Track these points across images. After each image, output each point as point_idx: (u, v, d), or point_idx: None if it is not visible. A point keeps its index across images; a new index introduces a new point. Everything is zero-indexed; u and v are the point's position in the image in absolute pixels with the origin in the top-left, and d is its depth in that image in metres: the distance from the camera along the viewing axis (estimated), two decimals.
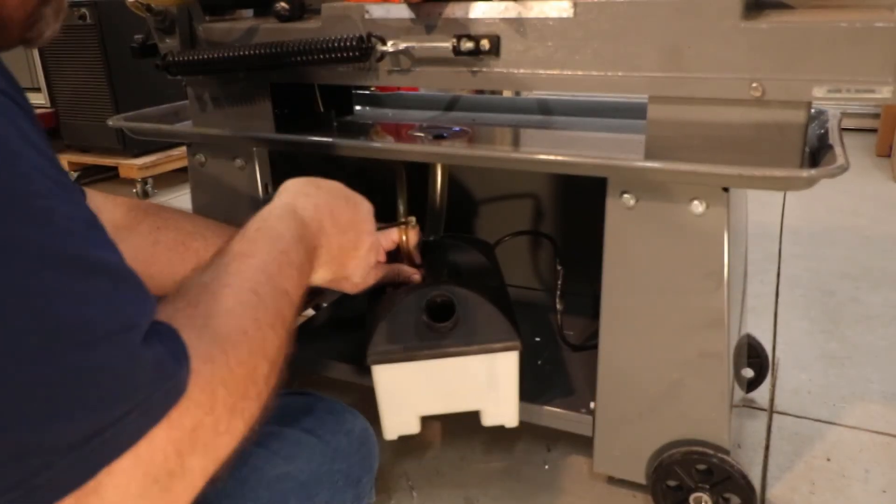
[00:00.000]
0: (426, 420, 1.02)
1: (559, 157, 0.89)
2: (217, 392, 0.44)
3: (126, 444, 0.37)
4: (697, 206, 0.88)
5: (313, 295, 1.40)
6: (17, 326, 0.33)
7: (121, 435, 0.37)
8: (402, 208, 1.06)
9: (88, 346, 0.35)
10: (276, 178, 1.17)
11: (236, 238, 0.59)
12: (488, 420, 1.00)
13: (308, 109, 1.20)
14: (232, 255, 0.56)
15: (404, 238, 0.94)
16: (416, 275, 0.96)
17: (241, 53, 0.96)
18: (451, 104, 1.37)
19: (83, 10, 2.60)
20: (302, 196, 0.68)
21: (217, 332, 0.47)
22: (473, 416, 1.01)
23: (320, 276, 0.71)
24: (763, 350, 1.35)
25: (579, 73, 0.86)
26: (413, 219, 0.97)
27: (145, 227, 0.84)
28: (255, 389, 0.49)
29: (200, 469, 0.44)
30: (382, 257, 0.87)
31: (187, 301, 0.49)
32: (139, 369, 0.37)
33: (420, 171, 1.38)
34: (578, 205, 1.36)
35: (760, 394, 1.39)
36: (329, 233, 0.69)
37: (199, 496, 0.44)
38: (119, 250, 0.40)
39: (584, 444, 1.10)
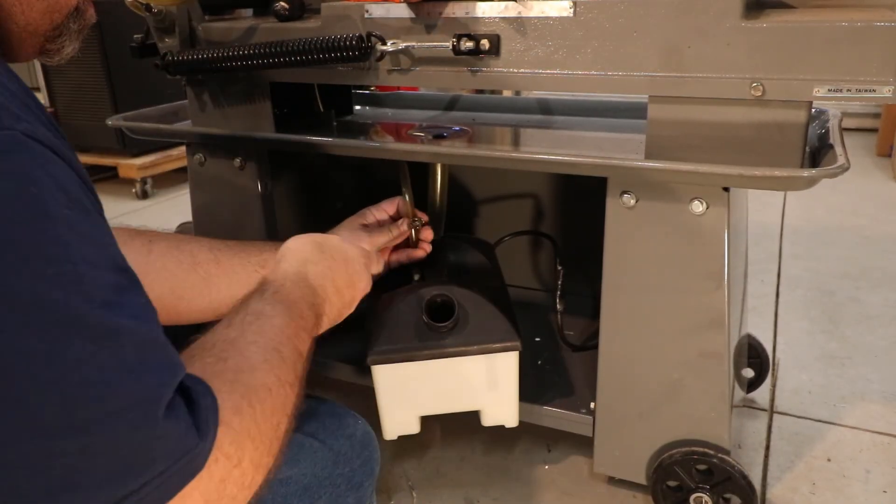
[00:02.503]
0: (426, 420, 1.02)
1: (559, 157, 0.89)
2: (245, 446, 0.45)
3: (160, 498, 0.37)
4: (698, 206, 0.88)
5: None
6: (38, 394, 0.33)
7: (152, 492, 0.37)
8: (409, 204, 1.05)
9: (109, 419, 0.35)
10: (276, 177, 1.17)
11: (254, 297, 0.62)
12: (488, 420, 1.00)
13: (307, 109, 1.20)
14: (254, 313, 0.58)
15: (413, 237, 1.01)
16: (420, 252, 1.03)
17: (241, 53, 0.96)
18: (451, 104, 1.37)
19: None
20: (311, 263, 0.73)
21: (246, 387, 0.48)
22: (473, 416, 1.01)
23: (324, 328, 0.74)
24: (763, 350, 1.35)
25: (579, 72, 0.86)
26: (424, 218, 1.02)
27: (138, 242, 0.85)
28: (276, 445, 0.50)
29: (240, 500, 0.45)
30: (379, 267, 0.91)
31: (215, 356, 0.50)
32: (159, 442, 0.37)
33: (420, 171, 1.38)
34: (578, 205, 1.36)
35: (761, 394, 1.39)
36: (332, 299, 0.73)
37: None
38: (151, 313, 0.39)
39: (584, 444, 1.10)
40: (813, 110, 0.92)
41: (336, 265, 0.75)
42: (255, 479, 0.47)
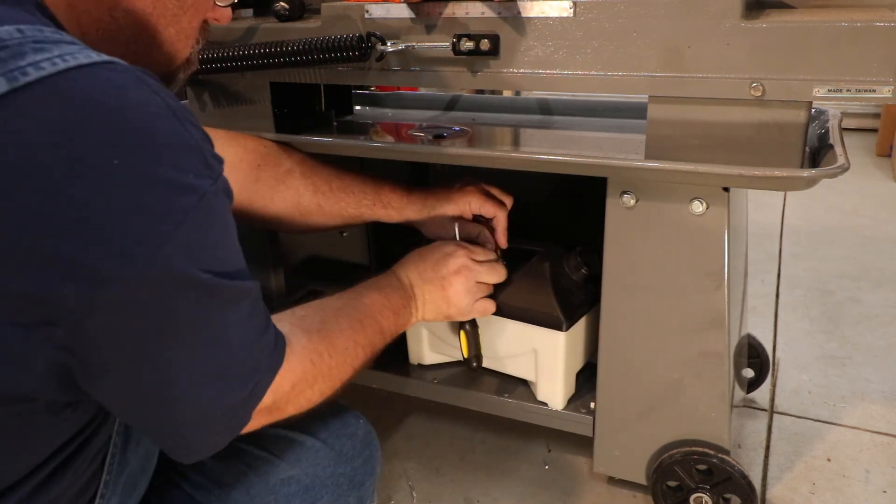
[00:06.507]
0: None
1: (559, 157, 0.89)
2: (317, 380, 0.67)
3: (264, 388, 0.59)
4: (698, 206, 0.88)
5: (311, 294, 1.40)
6: (222, 332, 0.54)
7: (262, 384, 0.59)
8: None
9: (249, 343, 0.57)
10: None
11: (368, 283, 0.86)
12: (538, 394, 1.08)
13: (308, 109, 1.20)
14: (357, 293, 0.83)
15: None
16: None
17: (241, 53, 0.96)
18: (451, 104, 1.37)
19: None
20: (401, 268, 0.94)
21: (330, 341, 0.70)
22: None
23: (430, 314, 0.94)
24: (763, 350, 1.35)
25: (579, 73, 0.86)
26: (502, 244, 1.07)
27: (246, 166, 1.00)
28: (339, 385, 0.71)
29: (294, 408, 0.66)
30: (491, 277, 0.99)
31: (320, 318, 0.73)
32: (262, 352, 0.59)
33: (420, 171, 1.38)
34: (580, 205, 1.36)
35: (761, 394, 1.39)
36: (418, 284, 0.92)
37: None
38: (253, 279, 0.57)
39: (584, 444, 1.10)
40: (813, 110, 0.92)
41: (423, 262, 0.94)
42: (323, 392, 0.68)
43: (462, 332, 1.04)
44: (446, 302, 0.94)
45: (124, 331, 0.47)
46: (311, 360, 0.66)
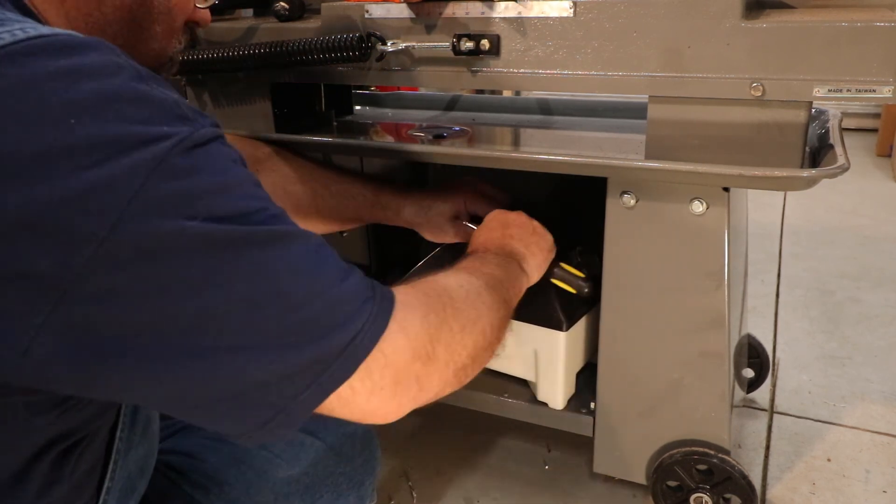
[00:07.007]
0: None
1: (559, 157, 0.89)
2: (446, 326, 0.58)
3: (371, 343, 0.51)
4: (698, 206, 0.88)
5: None
6: (289, 288, 0.49)
7: (366, 338, 0.51)
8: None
9: (320, 295, 0.50)
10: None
11: (465, 260, 0.77)
12: (538, 394, 1.07)
13: (308, 109, 1.20)
14: (465, 268, 0.73)
15: None
16: None
17: (241, 53, 0.96)
18: (451, 104, 1.37)
19: None
20: (497, 237, 0.87)
21: (457, 308, 0.61)
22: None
23: (536, 268, 0.87)
24: (763, 350, 1.35)
25: (579, 73, 0.86)
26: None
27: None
28: (477, 365, 0.63)
29: (444, 360, 0.57)
30: None
31: (440, 285, 0.64)
32: (348, 303, 0.51)
33: (420, 172, 1.38)
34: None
35: (761, 394, 1.39)
36: (526, 244, 0.87)
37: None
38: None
39: (584, 444, 1.10)
40: (813, 110, 0.92)
41: (516, 229, 0.89)
42: (464, 343, 0.60)
43: (566, 270, 1.00)
44: (547, 242, 0.91)
45: (130, 298, 0.43)
46: (435, 319, 0.57)
